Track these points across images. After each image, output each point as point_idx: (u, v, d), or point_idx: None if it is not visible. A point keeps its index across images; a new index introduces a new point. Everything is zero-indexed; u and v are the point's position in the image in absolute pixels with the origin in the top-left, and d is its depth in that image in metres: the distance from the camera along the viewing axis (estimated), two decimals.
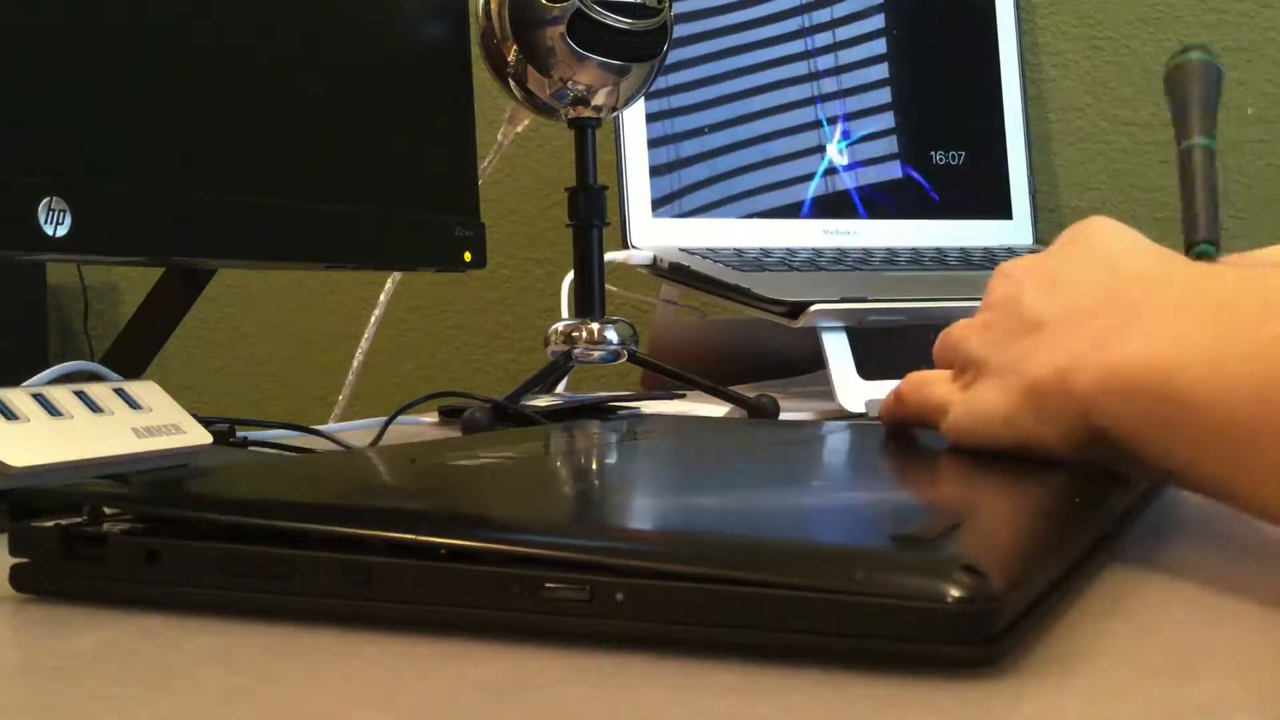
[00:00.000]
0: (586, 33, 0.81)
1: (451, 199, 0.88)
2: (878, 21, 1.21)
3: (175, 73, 0.66)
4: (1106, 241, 0.42)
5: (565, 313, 0.94)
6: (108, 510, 0.36)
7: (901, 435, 0.50)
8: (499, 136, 0.97)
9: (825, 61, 1.18)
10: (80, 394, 0.55)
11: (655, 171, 1.08)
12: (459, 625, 0.30)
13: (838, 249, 1.12)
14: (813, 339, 0.88)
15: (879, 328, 0.89)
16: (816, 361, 0.91)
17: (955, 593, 0.26)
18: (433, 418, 0.90)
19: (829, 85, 1.18)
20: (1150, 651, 0.29)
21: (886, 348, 0.93)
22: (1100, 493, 0.39)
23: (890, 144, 1.20)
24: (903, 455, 0.50)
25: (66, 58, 0.60)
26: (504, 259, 1.48)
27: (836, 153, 1.17)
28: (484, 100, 0.92)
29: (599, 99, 0.84)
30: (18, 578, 0.35)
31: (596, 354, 0.85)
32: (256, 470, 0.49)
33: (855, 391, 0.84)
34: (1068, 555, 0.33)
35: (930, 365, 0.48)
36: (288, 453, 0.70)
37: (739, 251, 1.05)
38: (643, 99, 0.99)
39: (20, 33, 0.57)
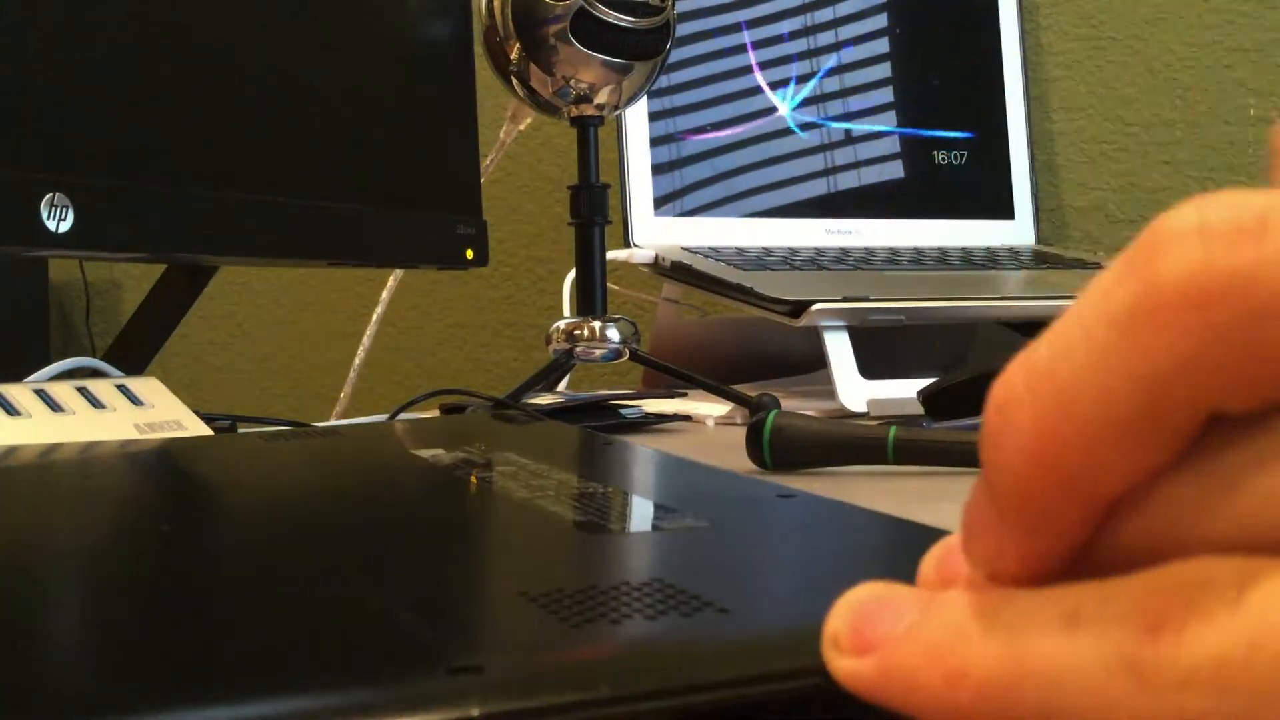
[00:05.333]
0: (589, 31, 0.81)
1: (454, 197, 0.88)
2: (880, 21, 1.21)
3: (178, 70, 0.66)
4: None
5: (567, 311, 0.94)
6: None
7: None
8: (501, 135, 0.97)
9: (827, 61, 1.18)
10: (82, 390, 0.55)
11: (657, 170, 1.08)
12: None
13: (840, 248, 1.12)
14: (814, 338, 0.88)
15: (881, 327, 0.89)
16: (818, 361, 0.91)
17: None
18: (434, 415, 0.90)
19: (830, 85, 1.18)
20: None
21: (888, 347, 0.93)
22: None
23: (892, 144, 1.20)
24: None
25: (69, 55, 0.60)
26: (506, 257, 1.48)
27: (838, 152, 1.17)
28: (486, 98, 0.92)
29: (601, 97, 0.85)
30: None
31: (598, 352, 0.85)
32: None
33: (857, 390, 0.84)
34: None
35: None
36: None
37: (741, 250, 1.05)
38: (645, 97, 0.99)
39: (23, 31, 0.58)
